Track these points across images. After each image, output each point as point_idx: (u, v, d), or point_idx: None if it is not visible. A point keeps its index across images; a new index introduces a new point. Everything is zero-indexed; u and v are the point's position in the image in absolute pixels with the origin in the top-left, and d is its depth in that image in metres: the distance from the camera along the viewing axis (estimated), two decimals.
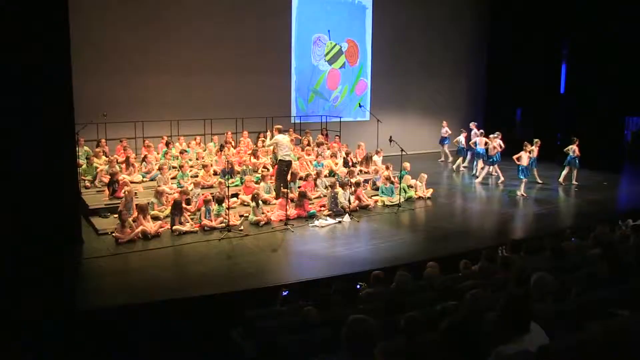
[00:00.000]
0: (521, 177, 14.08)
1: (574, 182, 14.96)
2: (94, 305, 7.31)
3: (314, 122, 18.98)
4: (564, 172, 15.31)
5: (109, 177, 12.09)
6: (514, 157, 14.43)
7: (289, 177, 12.61)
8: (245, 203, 12.06)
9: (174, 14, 16.29)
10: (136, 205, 10.47)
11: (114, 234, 9.94)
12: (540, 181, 15.66)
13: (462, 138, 17.74)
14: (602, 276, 5.67)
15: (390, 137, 13.23)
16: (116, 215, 10.39)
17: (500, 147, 15.49)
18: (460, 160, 16.94)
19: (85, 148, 14.16)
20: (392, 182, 13.36)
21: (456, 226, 11.45)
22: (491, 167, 15.93)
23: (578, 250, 7.70)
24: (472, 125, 17.41)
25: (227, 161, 12.31)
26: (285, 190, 11.70)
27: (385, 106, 20.16)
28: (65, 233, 9.55)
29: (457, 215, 12.45)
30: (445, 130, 18.39)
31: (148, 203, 10.93)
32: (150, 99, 16.08)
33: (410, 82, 21.01)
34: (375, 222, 11.68)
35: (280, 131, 12.48)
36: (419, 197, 13.53)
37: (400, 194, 12.94)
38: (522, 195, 13.83)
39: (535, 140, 15.20)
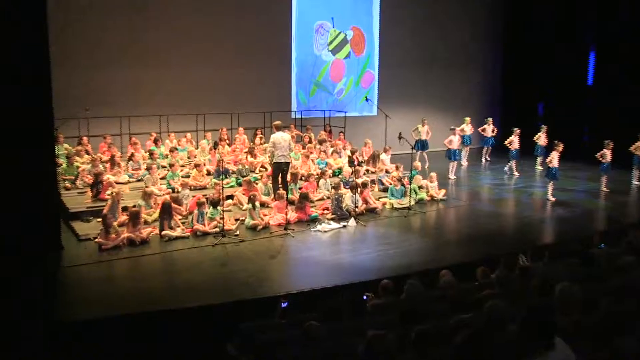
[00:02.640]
0: (549, 179, 13.94)
1: (603, 188, 14.80)
2: (74, 317, 7.27)
3: (316, 118, 18.94)
4: (604, 181, 15.01)
5: (92, 177, 12.07)
6: (547, 160, 14.18)
7: (289, 177, 12.59)
8: (241, 206, 12.04)
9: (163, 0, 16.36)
10: (129, 212, 10.43)
11: (97, 240, 9.89)
12: (516, 173, 16.46)
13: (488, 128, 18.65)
14: (636, 286, 5.62)
15: (400, 134, 13.19)
16: (99, 220, 10.34)
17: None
18: (512, 163, 16.94)
19: (66, 146, 14.16)
20: (402, 183, 13.34)
21: (472, 230, 11.39)
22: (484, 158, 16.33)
23: (608, 258, 7.63)
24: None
25: (222, 160, 12.28)
26: (283, 192, 11.67)
27: (394, 100, 20.13)
28: (44, 239, 9.50)
29: (474, 218, 12.37)
30: (470, 128, 18.40)
31: (135, 205, 10.91)
32: (138, 91, 16.07)
33: (421, 73, 20.96)
34: (384, 227, 11.63)
35: (279, 128, 12.42)
36: (431, 199, 13.50)
37: (410, 196, 12.90)
38: (550, 199, 13.75)
39: (515, 129, 16.44)
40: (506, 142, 17.11)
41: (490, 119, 19.14)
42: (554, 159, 13.78)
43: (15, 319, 7.13)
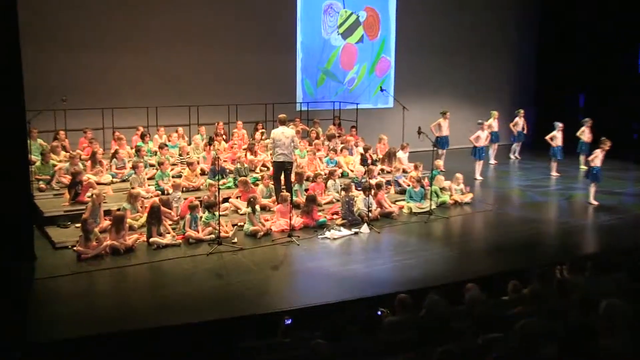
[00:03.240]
0: (591, 180, 13.82)
1: None
2: (49, 336, 7.24)
3: (324, 110, 18.92)
4: None
5: (70, 177, 12.07)
6: (590, 158, 14.04)
7: (293, 177, 12.56)
8: (239, 210, 12.03)
9: None
10: (112, 216, 10.41)
11: (75, 248, 9.89)
12: (555, 173, 16.58)
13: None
14: None
15: (419, 128, 13.15)
16: (79, 225, 10.34)
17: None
18: (555, 164, 16.89)
19: (40, 141, 14.18)
20: (422, 185, 13.30)
21: (502, 239, 11.34)
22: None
23: None
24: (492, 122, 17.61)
25: (218, 158, 12.27)
26: (287, 194, 11.66)
27: (412, 90, 20.08)
28: (14, 247, 9.50)
29: (503, 225, 12.32)
30: (497, 123, 18.36)
31: (119, 209, 10.91)
32: (123, 80, 16.09)
33: (444, 60, 20.90)
34: (401, 234, 11.60)
35: (282, 122, 12.37)
36: (455, 203, 13.45)
37: (431, 199, 12.86)
38: (593, 203, 13.65)
39: (559, 124, 16.70)
40: (547, 138, 16.97)
41: (521, 111, 19.10)
42: (597, 157, 13.65)
43: None
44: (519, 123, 19.07)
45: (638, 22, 20.31)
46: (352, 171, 14.49)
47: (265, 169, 14.24)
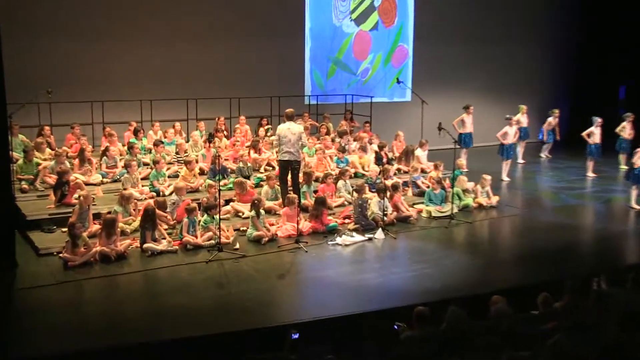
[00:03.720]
0: (632, 182, 13.71)
1: None
2: (32, 353, 7.24)
3: (335, 104, 18.92)
4: None
5: (56, 177, 12.09)
6: (634, 159, 13.95)
7: (301, 178, 12.56)
8: (242, 213, 12.05)
9: None
10: (102, 220, 10.41)
11: (61, 255, 9.89)
12: (591, 174, 16.46)
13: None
14: None
15: (440, 124, 13.13)
16: (65, 230, 10.35)
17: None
18: (591, 164, 16.85)
19: (22, 137, 14.21)
20: (443, 186, 13.25)
21: (531, 246, 11.30)
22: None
23: None
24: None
25: (218, 156, 12.27)
26: (294, 196, 11.65)
27: (432, 82, 20.05)
28: None
29: (533, 231, 12.27)
30: (526, 118, 18.30)
31: (110, 212, 10.93)
32: (114, 70, 16.13)
33: (468, 49, 20.86)
34: (419, 240, 11.58)
35: (289, 117, 12.35)
36: (479, 206, 13.41)
37: (452, 202, 12.82)
38: (634, 207, 13.58)
39: (597, 118, 16.47)
40: (584, 134, 16.91)
41: (556, 111, 19.03)
42: (639, 156, 13.55)
43: None
44: (552, 123, 18.99)
45: None
46: (365, 171, 14.47)
47: (271, 168, 14.23)
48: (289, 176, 12.31)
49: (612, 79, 21.96)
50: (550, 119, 19.07)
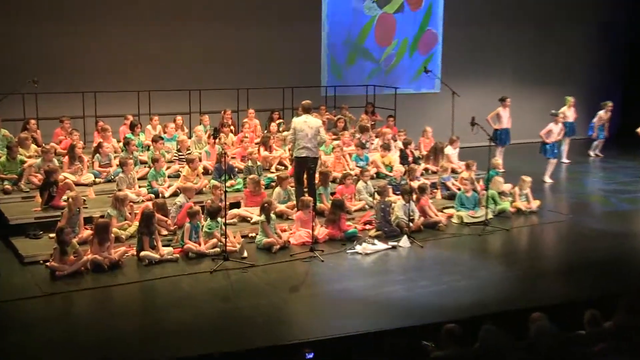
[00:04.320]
0: None
1: None
2: None
3: (355, 96, 18.92)
4: None
5: (43, 176, 12.14)
6: None
7: (316, 178, 12.55)
8: (250, 218, 12.07)
9: None
10: (95, 224, 10.44)
11: (49, 264, 9.92)
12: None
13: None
14: None
15: (473, 119, 13.08)
16: (53, 235, 10.38)
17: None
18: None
19: (4, 132, 14.30)
20: (475, 189, 13.20)
21: (578, 257, 11.26)
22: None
23: None
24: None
25: (224, 153, 12.28)
26: (309, 198, 11.65)
27: (465, 71, 20.03)
28: None
29: (580, 240, 12.25)
30: (573, 113, 18.22)
31: (103, 216, 10.96)
32: (107, 58, 16.21)
33: (504, 35, 20.80)
34: (449, 249, 11.55)
35: (306, 110, 12.35)
36: (518, 211, 13.36)
37: (487, 206, 12.77)
38: None
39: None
40: (639, 130, 16.82)
41: (609, 104, 18.89)
42: None
43: None
44: (604, 118, 18.87)
45: None
46: (389, 171, 14.45)
47: (283, 167, 14.23)
48: (305, 176, 12.31)
49: None
50: (601, 113, 18.93)
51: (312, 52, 18.86)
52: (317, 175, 12.65)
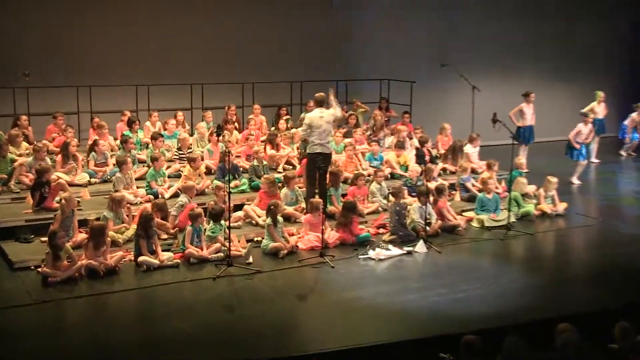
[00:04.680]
0: None
1: None
2: None
3: (367, 90, 18.91)
4: None
5: (34, 176, 12.16)
6: None
7: (327, 178, 12.54)
8: (256, 221, 12.06)
9: None
10: (90, 228, 10.45)
11: (40, 270, 9.93)
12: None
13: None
14: None
15: (494, 115, 13.06)
16: (45, 239, 10.38)
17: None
18: None
19: None
20: (496, 190, 13.15)
21: (608, 264, 11.20)
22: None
23: None
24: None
25: (228, 152, 12.28)
26: (318, 200, 11.63)
27: (485, 64, 19.99)
28: None
29: (610, 245, 12.18)
30: (603, 109, 18.15)
31: (99, 218, 10.97)
32: (104, 50, 16.24)
33: (529, 24, 20.75)
34: (469, 254, 11.55)
35: (319, 103, 12.34)
36: (543, 214, 13.33)
37: (510, 209, 12.74)
38: None
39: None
40: None
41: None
42: None
43: None
44: (637, 120, 18.79)
45: None
46: (404, 171, 14.42)
47: (290, 167, 14.21)
48: (317, 175, 12.29)
49: None
50: (634, 115, 18.85)
51: (322, 44, 18.84)
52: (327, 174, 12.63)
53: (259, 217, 12.01)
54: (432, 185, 12.94)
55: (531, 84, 18.58)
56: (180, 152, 14.43)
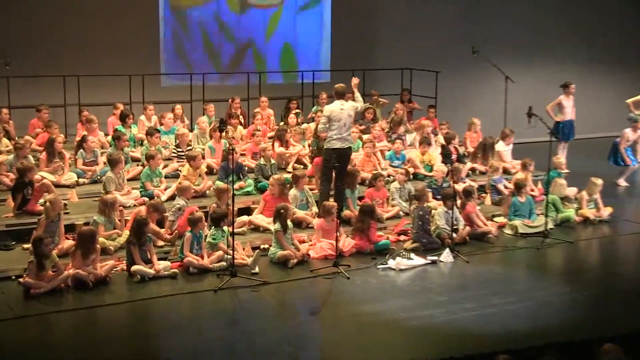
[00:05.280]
0: None
1: None
2: None
3: (387, 80, 18.89)
4: None
5: (16, 176, 12.20)
6: None
7: (344, 178, 12.53)
8: (263, 226, 12.08)
9: None
10: (78, 233, 10.49)
11: (22, 280, 9.95)
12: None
13: None
14: None
15: (530, 109, 13.04)
16: (28, 246, 10.42)
17: None
18: None
19: None
20: (531, 193, 13.17)
21: None
22: None
23: None
24: None
25: (232, 149, 12.29)
26: (333, 203, 11.64)
27: (519, 53, 19.95)
28: None
29: None
30: None
31: (88, 223, 10.99)
32: (93, 36, 16.29)
33: (570, 9, 20.70)
34: (501, 265, 11.53)
35: (339, 95, 12.31)
36: (585, 220, 13.31)
37: (547, 214, 12.70)
38: None
39: None
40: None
41: None
42: None
43: None
44: None
45: None
46: (428, 171, 14.42)
47: (301, 166, 14.21)
48: (334, 173, 12.28)
49: None
50: None
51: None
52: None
53: (262, 225, 12.03)
54: (459, 187, 12.92)
55: (571, 74, 18.56)
56: (179, 150, 14.47)
